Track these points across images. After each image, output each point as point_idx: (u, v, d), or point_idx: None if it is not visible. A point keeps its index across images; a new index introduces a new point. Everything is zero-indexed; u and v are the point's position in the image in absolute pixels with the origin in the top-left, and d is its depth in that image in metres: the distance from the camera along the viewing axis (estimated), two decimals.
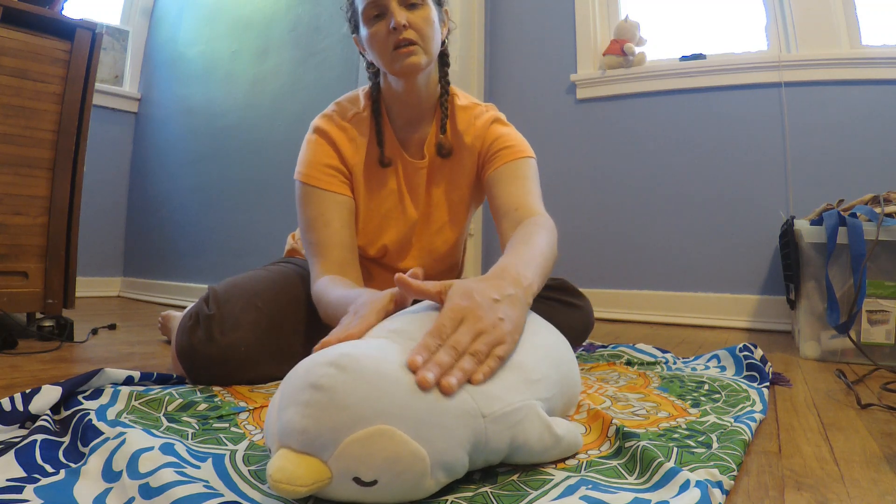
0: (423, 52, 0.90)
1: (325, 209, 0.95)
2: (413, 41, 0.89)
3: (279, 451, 0.44)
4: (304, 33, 2.00)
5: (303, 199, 0.97)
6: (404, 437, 0.43)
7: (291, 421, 0.44)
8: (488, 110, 1.05)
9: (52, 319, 1.34)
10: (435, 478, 0.45)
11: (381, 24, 0.89)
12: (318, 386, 0.45)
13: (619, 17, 2.33)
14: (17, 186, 1.34)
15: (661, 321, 2.06)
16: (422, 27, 0.90)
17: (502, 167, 0.99)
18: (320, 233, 0.94)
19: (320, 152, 0.98)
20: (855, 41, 1.93)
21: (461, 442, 0.47)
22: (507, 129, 1.04)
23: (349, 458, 0.42)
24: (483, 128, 1.02)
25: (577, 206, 2.27)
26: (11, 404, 0.62)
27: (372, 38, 0.91)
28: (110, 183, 2.71)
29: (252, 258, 2.02)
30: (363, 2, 0.90)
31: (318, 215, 0.95)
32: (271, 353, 0.90)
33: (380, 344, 0.53)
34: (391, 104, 1.00)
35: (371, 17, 0.90)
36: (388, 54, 0.90)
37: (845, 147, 1.88)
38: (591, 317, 1.14)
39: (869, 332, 1.24)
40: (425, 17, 0.90)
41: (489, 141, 1.01)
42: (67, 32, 1.41)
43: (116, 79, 2.73)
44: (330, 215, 0.95)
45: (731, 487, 0.52)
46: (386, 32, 0.89)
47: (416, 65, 0.90)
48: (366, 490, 0.43)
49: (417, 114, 1.01)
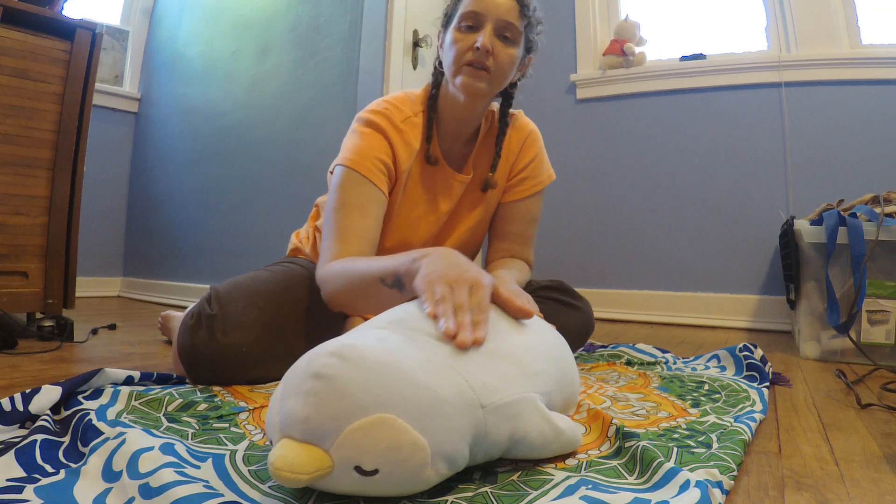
0: (489, 81, 0.92)
1: (367, 200, 0.92)
2: (487, 69, 0.91)
3: (281, 441, 0.44)
4: (304, 33, 2.00)
5: (344, 183, 0.92)
6: (405, 427, 0.44)
7: (293, 410, 0.44)
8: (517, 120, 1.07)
9: (52, 319, 1.34)
10: (436, 468, 0.45)
11: (470, 37, 0.91)
12: (320, 375, 0.45)
13: (619, 17, 2.33)
14: (17, 186, 1.34)
15: (661, 321, 2.06)
16: (502, 62, 0.92)
17: (520, 203, 1.07)
18: (353, 220, 0.90)
19: (375, 146, 0.95)
20: (855, 41, 1.94)
21: (461, 432, 0.47)
22: (537, 149, 1.08)
23: (350, 446, 0.42)
24: (516, 144, 1.06)
25: (577, 206, 2.27)
26: (11, 404, 0.62)
27: (454, 42, 0.92)
28: (110, 183, 2.70)
29: (252, 258, 2.02)
30: (465, 7, 0.91)
31: (358, 204, 0.91)
32: (272, 353, 0.90)
33: (381, 335, 0.53)
34: (443, 112, 1.00)
35: (464, 25, 0.91)
36: (461, 65, 0.91)
37: (845, 147, 1.88)
38: (591, 318, 1.14)
39: (869, 332, 1.24)
40: (510, 55, 0.92)
41: (521, 164, 1.07)
42: (67, 32, 1.41)
43: (116, 79, 2.73)
44: (369, 208, 0.92)
45: (731, 487, 0.52)
46: (469, 45, 0.90)
47: (480, 91, 0.92)
48: (367, 480, 0.43)
49: (463, 129, 1.02)
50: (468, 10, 0.90)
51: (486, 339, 0.56)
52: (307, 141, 1.94)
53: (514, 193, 1.07)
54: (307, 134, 1.94)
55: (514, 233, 1.08)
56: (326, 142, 1.83)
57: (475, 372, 0.52)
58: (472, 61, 0.90)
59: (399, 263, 0.73)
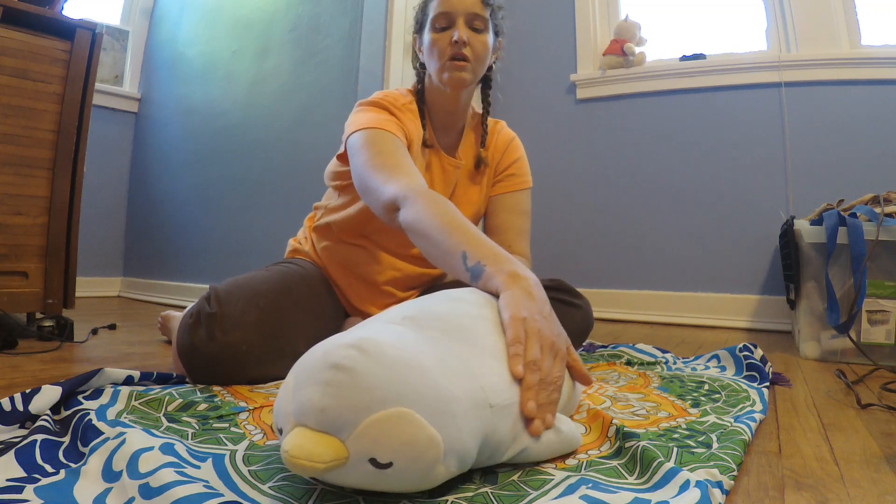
0: (471, 70, 1.01)
1: (398, 147, 0.92)
2: (467, 58, 0.99)
3: (295, 429, 0.44)
4: (304, 33, 2.00)
5: (370, 137, 0.92)
6: (422, 422, 0.44)
7: (311, 399, 0.44)
8: (505, 127, 1.17)
9: (52, 319, 1.34)
10: (447, 465, 0.46)
11: (445, 35, 1.00)
12: (340, 366, 0.45)
13: (619, 17, 2.33)
14: (17, 186, 1.34)
15: (661, 321, 2.06)
16: (478, 49, 1.00)
17: (508, 196, 1.13)
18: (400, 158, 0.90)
19: (386, 119, 0.97)
20: (855, 41, 1.94)
21: (472, 431, 0.48)
22: (521, 151, 1.17)
23: (368, 438, 0.42)
24: (503, 143, 1.15)
25: (577, 205, 2.27)
26: (11, 404, 0.62)
27: (433, 44, 1.01)
28: (110, 183, 2.70)
29: (252, 258, 2.02)
30: (434, 10, 1.00)
31: (396, 148, 0.92)
32: (272, 352, 0.90)
33: (397, 330, 0.54)
34: (431, 105, 1.09)
35: (438, 27, 1.00)
36: (444, 62, 1.00)
37: (845, 147, 1.88)
38: (590, 317, 1.14)
39: (869, 332, 1.24)
40: (483, 41, 1.01)
41: (507, 162, 1.15)
42: (67, 32, 1.41)
43: (116, 79, 2.73)
44: (404, 153, 0.92)
45: (731, 487, 0.52)
46: (447, 43, 0.99)
47: (464, 80, 1.00)
48: (380, 473, 0.43)
49: (452, 120, 1.10)
50: (438, 13, 1.00)
51: (495, 343, 0.58)
52: (307, 141, 1.94)
53: (503, 187, 1.14)
54: (307, 134, 1.94)
55: (508, 224, 1.12)
56: (326, 142, 1.83)
57: (485, 373, 0.53)
58: (452, 55, 0.99)
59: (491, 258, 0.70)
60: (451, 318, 0.59)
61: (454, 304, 0.63)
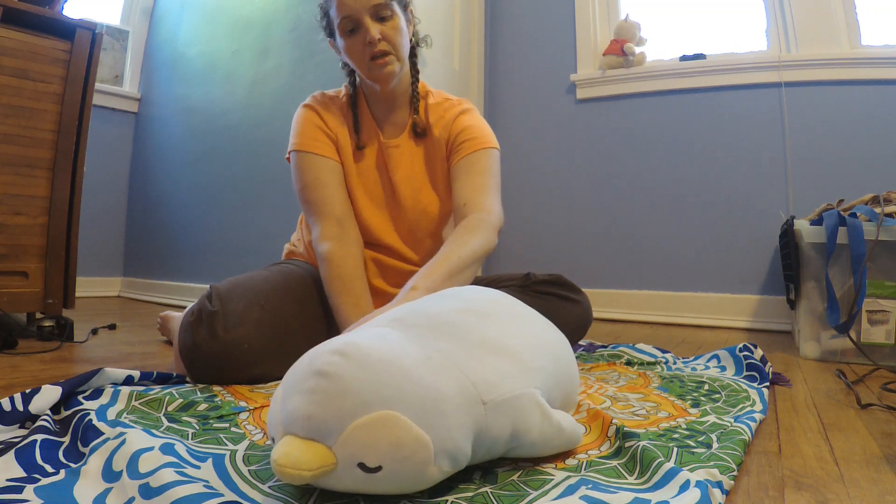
0: (396, 59, 1.00)
1: (320, 172, 1.03)
2: (388, 52, 0.98)
3: (284, 438, 0.44)
4: (304, 33, 1.99)
5: (298, 166, 1.04)
6: (408, 423, 0.44)
7: (297, 408, 0.44)
8: (460, 104, 1.11)
9: (52, 319, 1.34)
10: (438, 465, 0.45)
11: (357, 38, 0.98)
12: (323, 373, 0.45)
13: (619, 17, 2.32)
14: (17, 186, 1.34)
15: (661, 321, 2.06)
16: (394, 38, 0.98)
17: (463, 160, 1.05)
18: (318, 192, 1.02)
19: (306, 120, 1.06)
20: (855, 41, 1.93)
21: (463, 429, 0.47)
22: (473, 119, 1.09)
23: (354, 443, 0.43)
24: (450, 119, 1.09)
25: (577, 205, 2.27)
26: (11, 404, 0.62)
27: (349, 49, 1.00)
28: (110, 183, 2.70)
29: (252, 258, 2.02)
30: (338, 17, 0.97)
31: (315, 178, 1.03)
32: (273, 351, 0.90)
33: (383, 332, 0.54)
34: (370, 98, 1.09)
35: (346, 31, 0.98)
36: (366, 64, 0.99)
37: (845, 147, 1.87)
38: (589, 312, 1.14)
39: (869, 332, 1.24)
40: (395, 26, 0.98)
41: (455, 132, 1.08)
42: (67, 32, 1.41)
43: (116, 79, 2.73)
44: (326, 178, 1.03)
45: (731, 487, 0.52)
46: (362, 45, 0.97)
47: (392, 73, 1.00)
48: (370, 477, 0.43)
49: (393, 104, 1.09)
50: (342, 18, 0.97)
51: (487, 335, 0.57)
52: None
53: (458, 154, 1.06)
54: None
55: (467, 185, 1.03)
56: None
57: (476, 368, 0.52)
58: (371, 55, 0.97)
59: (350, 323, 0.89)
60: (439, 315, 0.58)
61: (446, 301, 0.63)
